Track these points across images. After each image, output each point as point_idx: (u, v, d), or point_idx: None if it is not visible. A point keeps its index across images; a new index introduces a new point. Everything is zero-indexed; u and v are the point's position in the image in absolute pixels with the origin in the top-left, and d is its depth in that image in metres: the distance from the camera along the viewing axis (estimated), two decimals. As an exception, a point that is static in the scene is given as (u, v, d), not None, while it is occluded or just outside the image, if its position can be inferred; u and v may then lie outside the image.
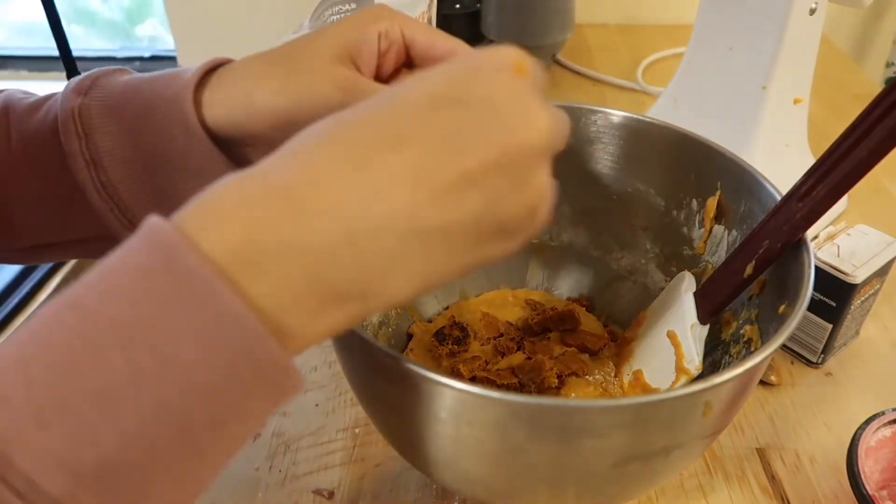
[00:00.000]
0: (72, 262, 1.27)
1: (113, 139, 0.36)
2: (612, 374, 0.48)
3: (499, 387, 0.45)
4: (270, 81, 0.35)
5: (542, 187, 0.26)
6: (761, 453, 0.48)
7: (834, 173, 0.36)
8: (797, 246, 0.38)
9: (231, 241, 0.22)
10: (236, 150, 0.37)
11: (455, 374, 0.47)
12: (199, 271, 0.21)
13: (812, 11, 0.60)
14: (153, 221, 0.22)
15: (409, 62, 0.38)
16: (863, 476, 0.40)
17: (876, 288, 0.52)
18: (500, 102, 0.25)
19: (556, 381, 0.46)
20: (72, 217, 0.39)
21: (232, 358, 0.21)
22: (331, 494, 0.46)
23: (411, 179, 0.23)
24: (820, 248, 0.51)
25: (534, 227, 0.27)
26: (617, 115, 0.48)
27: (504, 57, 0.26)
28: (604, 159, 0.49)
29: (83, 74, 0.38)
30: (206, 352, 0.21)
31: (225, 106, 0.36)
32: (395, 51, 0.37)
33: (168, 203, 0.37)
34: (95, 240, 0.40)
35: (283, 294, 0.23)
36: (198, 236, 0.22)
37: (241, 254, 0.22)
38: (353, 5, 0.61)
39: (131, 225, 0.37)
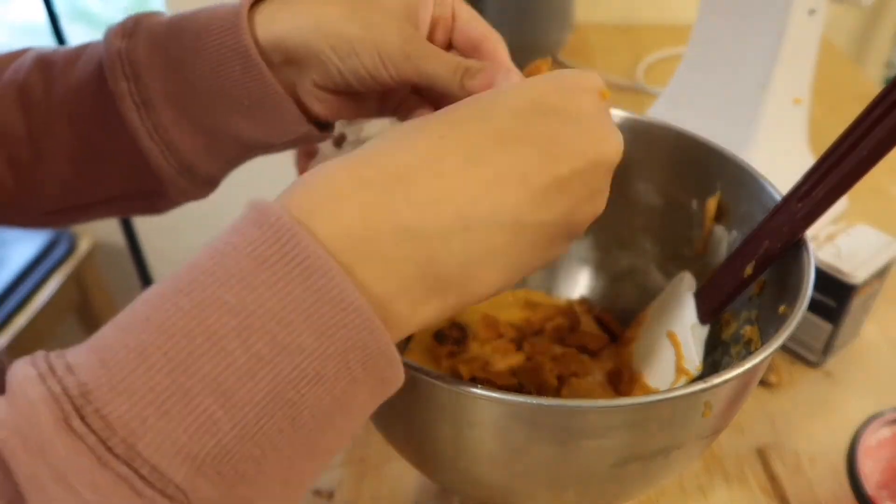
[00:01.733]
0: (72, 265, 1.27)
1: (162, 79, 0.36)
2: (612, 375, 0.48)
3: (498, 387, 0.45)
4: (340, 7, 0.34)
5: (605, 198, 0.29)
6: (761, 453, 0.48)
7: (834, 173, 0.36)
8: (797, 246, 0.38)
9: (347, 224, 0.22)
10: (283, 73, 0.36)
11: (455, 374, 0.47)
12: (317, 257, 0.21)
13: (812, 12, 0.60)
14: (262, 205, 0.22)
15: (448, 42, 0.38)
16: (862, 476, 0.40)
17: (876, 288, 0.52)
18: (590, 119, 0.27)
19: (556, 381, 0.46)
20: (102, 175, 0.38)
21: (345, 347, 0.22)
22: (330, 495, 0.46)
23: (517, 179, 0.25)
24: (820, 249, 0.51)
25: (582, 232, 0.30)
26: (617, 114, 0.48)
27: (591, 80, 0.29)
28: (604, 159, 0.49)
29: (124, 18, 0.37)
30: (321, 340, 0.21)
31: (290, 23, 0.34)
32: (443, 24, 0.37)
33: (219, 145, 0.36)
34: (121, 199, 0.39)
35: (394, 280, 0.23)
36: (311, 220, 0.22)
37: (357, 237, 0.22)
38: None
39: (181, 167, 0.37)
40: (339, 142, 0.55)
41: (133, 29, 0.36)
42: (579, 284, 0.54)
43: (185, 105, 0.36)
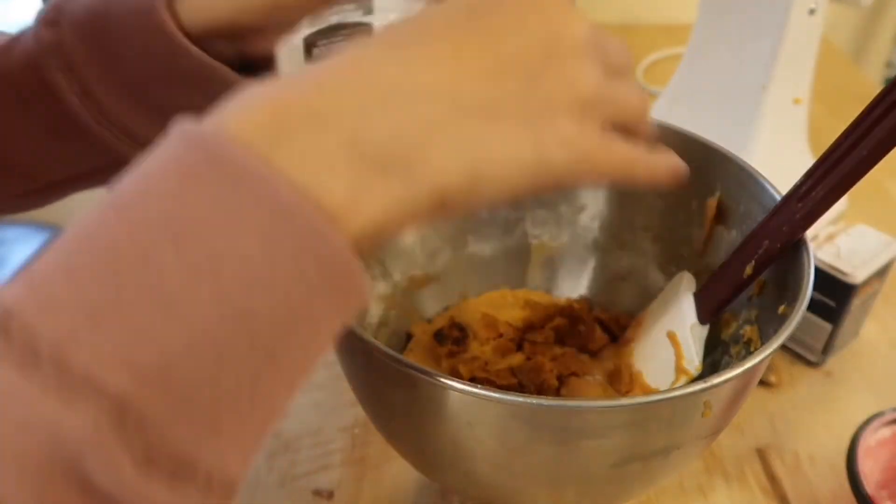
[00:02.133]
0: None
1: (97, 67, 0.35)
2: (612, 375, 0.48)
3: (498, 387, 0.45)
4: None
5: (582, 73, 0.25)
6: (761, 453, 0.48)
7: (834, 173, 0.36)
8: (797, 246, 0.38)
9: (257, 120, 0.21)
10: (223, 45, 0.35)
11: (455, 374, 0.47)
12: (242, 158, 0.20)
13: (812, 11, 0.60)
14: (182, 123, 0.21)
15: None
16: (862, 476, 0.40)
17: (876, 288, 0.52)
18: (539, 2, 0.25)
19: (556, 381, 0.46)
20: (77, 150, 0.38)
21: (293, 251, 0.20)
22: (330, 495, 0.46)
23: (452, 59, 0.24)
24: (820, 249, 0.51)
25: (585, 112, 0.26)
26: (617, 115, 0.48)
27: None
28: (603, 159, 0.49)
29: (46, 5, 0.36)
30: (264, 245, 0.20)
31: (208, 6, 0.34)
32: None
33: (166, 117, 0.36)
34: (107, 169, 0.39)
35: (317, 162, 0.21)
36: (224, 122, 0.21)
37: (266, 128, 0.21)
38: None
39: (137, 144, 0.36)
40: (310, 48, 0.53)
41: (56, 17, 0.35)
42: (579, 284, 0.54)
43: (127, 90, 0.35)
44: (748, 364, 0.31)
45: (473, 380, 0.46)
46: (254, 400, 0.21)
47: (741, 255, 0.40)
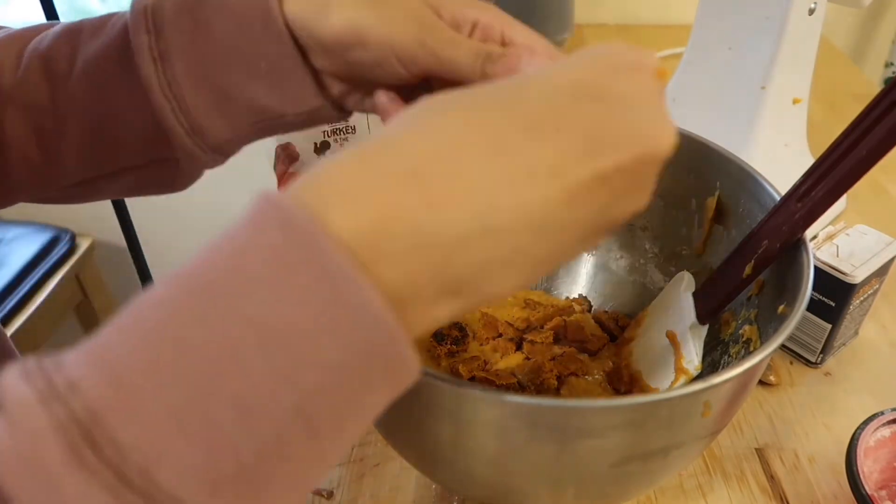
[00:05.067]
0: (72, 264, 1.27)
1: (185, 35, 0.35)
2: (611, 374, 0.48)
3: (498, 387, 0.45)
4: None
5: (648, 193, 0.26)
6: (760, 453, 0.48)
7: (833, 173, 0.36)
8: (796, 246, 0.38)
9: (362, 225, 0.21)
10: (307, 55, 0.35)
11: (454, 374, 0.47)
12: (341, 265, 0.20)
13: (811, 11, 0.60)
14: (280, 200, 0.20)
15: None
16: (862, 476, 0.40)
17: (875, 288, 0.52)
18: (640, 105, 0.24)
19: (556, 381, 0.46)
20: (119, 141, 0.38)
21: (368, 359, 0.20)
22: (330, 494, 0.46)
23: (547, 172, 0.22)
24: (819, 249, 0.51)
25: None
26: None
27: (645, 58, 0.26)
28: (603, 159, 0.49)
29: None
30: (344, 354, 0.20)
31: (300, 4, 0.33)
32: (483, 33, 0.35)
33: (231, 108, 0.36)
34: (139, 169, 0.39)
35: (407, 283, 0.21)
36: (325, 216, 0.20)
37: (372, 238, 0.21)
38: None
39: (191, 128, 0.36)
40: (322, 150, 0.55)
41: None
42: (579, 284, 0.54)
43: (202, 62, 0.35)
44: (748, 364, 0.31)
45: (473, 380, 0.46)
46: (297, 488, 0.21)
47: (740, 255, 0.40)
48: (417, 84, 0.35)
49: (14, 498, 0.17)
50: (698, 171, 0.46)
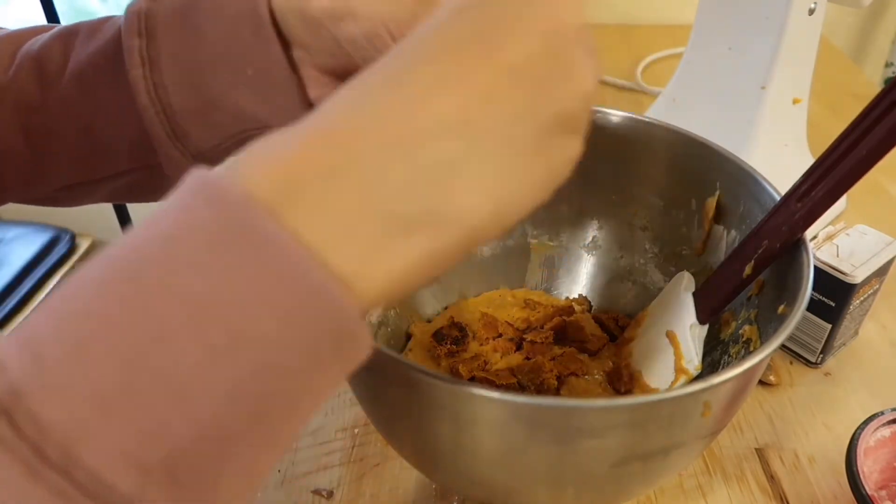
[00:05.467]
0: (72, 264, 1.27)
1: (176, 40, 0.35)
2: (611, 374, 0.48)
3: (498, 387, 0.45)
4: None
5: (587, 71, 0.24)
6: (760, 453, 0.48)
7: (833, 173, 0.36)
8: (796, 246, 0.38)
9: (273, 179, 0.20)
10: (292, 52, 0.35)
11: (454, 374, 0.47)
12: (274, 235, 0.19)
13: (811, 11, 0.60)
14: (209, 178, 0.20)
15: None
16: (862, 476, 0.40)
17: (875, 288, 0.52)
18: None
19: (556, 381, 0.46)
20: (108, 145, 0.38)
21: (313, 333, 0.19)
22: (330, 494, 0.46)
23: (455, 82, 0.22)
24: (819, 249, 0.51)
25: (587, 115, 0.25)
26: (616, 114, 0.48)
27: None
28: (602, 159, 0.49)
29: None
30: (284, 327, 0.19)
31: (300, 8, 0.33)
32: None
33: (216, 115, 0.36)
34: (132, 172, 0.39)
35: (333, 224, 0.20)
36: (243, 184, 0.20)
37: (282, 188, 0.20)
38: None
39: (175, 133, 0.36)
40: None
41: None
42: (578, 284, 0.54)
43: (190, 67, 0.35)
44: (748, 364, 0.31)
45: (473, 380, 0.46)
46: (250, 478, 0.20)
47: (740, 255, 0.40)
48: None
49: None
50: (698, 171, 0.46)
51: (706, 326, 0.43)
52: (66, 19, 1.09)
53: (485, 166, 0.22)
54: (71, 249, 1.29)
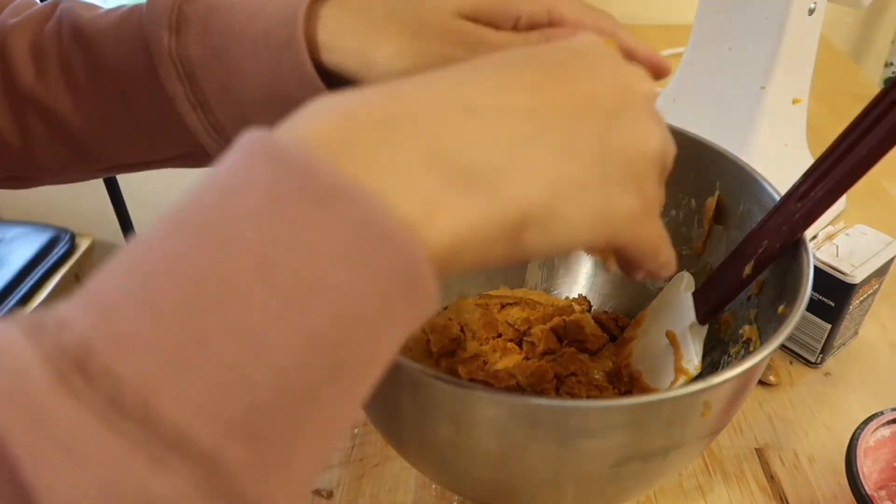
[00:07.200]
0: (72, 263, 1.27)
1: (218, 83, 0.35)
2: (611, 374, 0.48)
3: (498, 387, 0.45)
4: (391, 40, 0.33)
5: (655, 132, 0.25)
6: (760, 453, 0.48)
7: (833, 173, 0.36)
8: (796, 246, 0.38)
9: (332, 128, 0.20)
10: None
11: (454, 374, 0.47)
12: (333, 180, 0.18)
13: (811, 11, 0.60)
14: (256, 133, 0.20)
15: None
16: (861, 476, 0.40)
17: (875, 288, 0.52)
18: (605, 55, 0.26)
19: (556, 381, 0.46)
20: (164, 139, 0.38)
21: (386, 281, 0.19)
22: (330, 494, 0.46)
23: (531, 91, 0.23)
24: (819, 248, 0.51)
25: (654, 186, 0.26)
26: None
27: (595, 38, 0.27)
28: (603, 159, 0.49)
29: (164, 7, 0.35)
30: (355, 276, 0.18)
31: (340, 55, 0.33)
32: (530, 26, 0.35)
33: None
34: (183, 157, 0.39)
35: (395, 171, 0.20)
36: (302, 134, 0.20)
37: (341, 135, 0.20)
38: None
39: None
40: None
41: (179, 25, 0.35)
42: (579, 284, 0.54)
43: (242, 111, 0.35)
44: (747, 364, 0.31)
45: (472, 380, 0.46)
46: (327, 436, 0.20)
47: (740, 255, 0.40)
48: None
49: (4, 438, 0.16)
50: (698, 171, 0.46)
51: (706, 326, 0.43)
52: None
53: (548, 156, 0.22)
54: (71, 249, 1.29)
